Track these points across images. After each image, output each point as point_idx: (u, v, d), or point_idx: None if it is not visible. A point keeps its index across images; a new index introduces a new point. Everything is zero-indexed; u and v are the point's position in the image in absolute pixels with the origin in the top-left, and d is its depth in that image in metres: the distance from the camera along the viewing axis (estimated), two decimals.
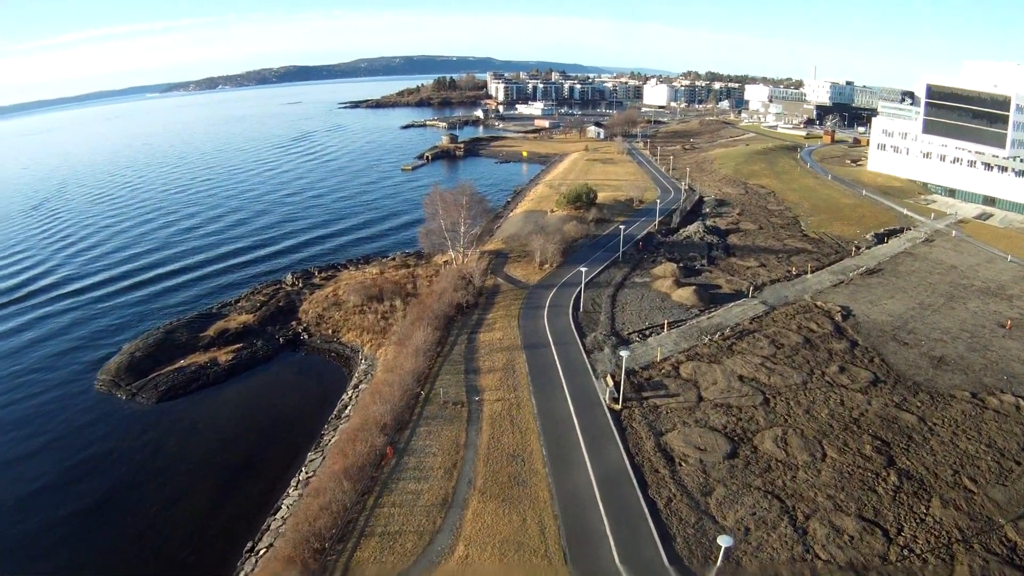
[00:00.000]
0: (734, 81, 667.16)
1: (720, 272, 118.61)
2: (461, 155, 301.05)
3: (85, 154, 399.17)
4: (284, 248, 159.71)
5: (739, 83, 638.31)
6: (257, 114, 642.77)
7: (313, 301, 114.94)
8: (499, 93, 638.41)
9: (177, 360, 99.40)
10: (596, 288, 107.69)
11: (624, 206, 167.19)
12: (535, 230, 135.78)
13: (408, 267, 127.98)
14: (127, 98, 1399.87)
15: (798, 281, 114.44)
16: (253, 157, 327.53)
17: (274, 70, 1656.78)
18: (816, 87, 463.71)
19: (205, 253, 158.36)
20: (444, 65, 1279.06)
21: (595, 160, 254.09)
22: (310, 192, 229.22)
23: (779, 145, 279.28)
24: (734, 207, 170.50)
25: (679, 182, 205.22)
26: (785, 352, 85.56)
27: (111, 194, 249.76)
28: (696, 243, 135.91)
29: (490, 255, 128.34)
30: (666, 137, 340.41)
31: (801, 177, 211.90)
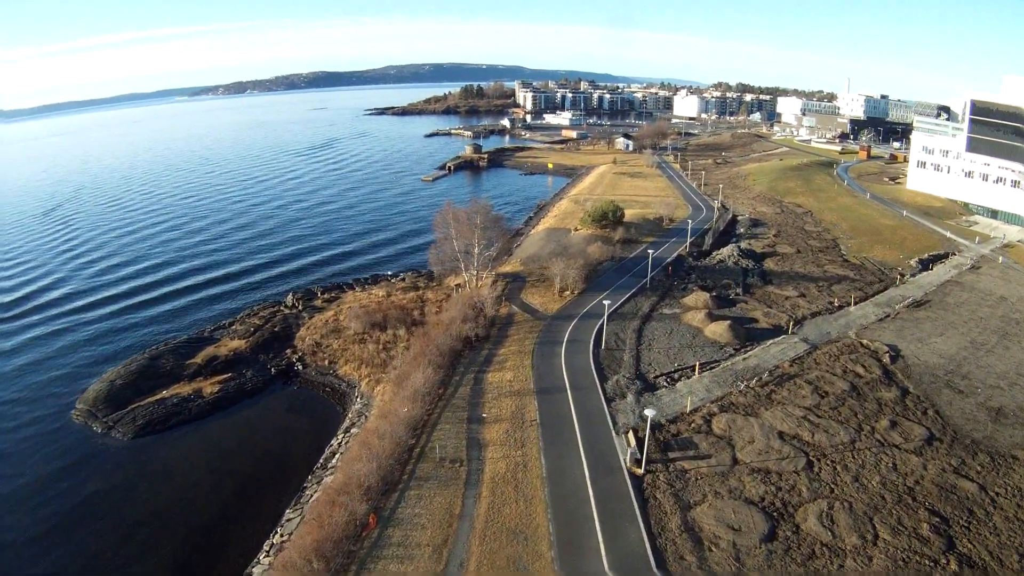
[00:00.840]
0: (765, 93, 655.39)
1: (756, 303, 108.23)
2: (485, 166, 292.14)
3: (105, 157, 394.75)
4: (291, 264, 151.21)
5: (770, 95, 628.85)
6: (282, 120, 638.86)
7: (311, 326, 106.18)
8: (527, 102, 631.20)
9: (159, 390, 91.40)
10: (620, 320, 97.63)
11: (653, 225, 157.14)
12: (557, 251, 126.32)
13: (417, 289, 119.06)
14: (157, 101, 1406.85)
15: (841, 314, 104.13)
16: (273, 164, 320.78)
17: (303, 75, 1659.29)
18: (850, 100, 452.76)
19: (208, 268, 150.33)
20: (473, 73, 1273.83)
21: (623, 174, 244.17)
22: (325, 203, 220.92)
23: (814, 161, 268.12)
24: (770, 228, 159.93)
25: (711, 199, 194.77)
26: (830, 402, 75.23)
27: (124, 201, 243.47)
28: (730, 268, 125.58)
29: (506, 279, 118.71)
30: (697, 150, 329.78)
31: (838, 195, 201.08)
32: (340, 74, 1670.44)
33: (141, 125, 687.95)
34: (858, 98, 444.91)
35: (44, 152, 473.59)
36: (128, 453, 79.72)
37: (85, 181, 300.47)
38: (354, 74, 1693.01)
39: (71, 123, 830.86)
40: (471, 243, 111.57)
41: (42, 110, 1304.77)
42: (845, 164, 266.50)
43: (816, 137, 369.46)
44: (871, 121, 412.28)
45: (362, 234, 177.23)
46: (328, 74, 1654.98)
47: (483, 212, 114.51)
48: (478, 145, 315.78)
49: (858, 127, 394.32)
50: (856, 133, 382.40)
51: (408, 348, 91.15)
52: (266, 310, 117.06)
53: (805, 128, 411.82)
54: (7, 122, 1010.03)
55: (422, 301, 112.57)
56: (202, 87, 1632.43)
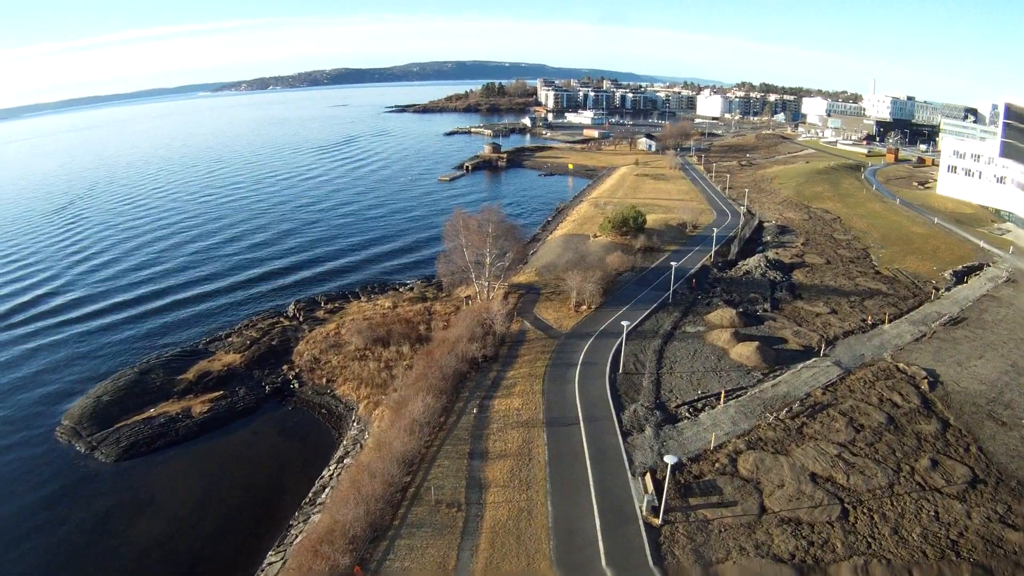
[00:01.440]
0: (789, 93, 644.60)
1: (786, 320, 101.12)
2: (503, 166, 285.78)
3: (123, 154, 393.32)
4: (298, 271, 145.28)
5: (794, 95, 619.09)
6: (302, 116, 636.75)
7: (311, 340, 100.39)
8: (549, 100, 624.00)
9: (147, 408, 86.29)
10: (640, 339, 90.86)
11: (676, 232, 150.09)
12: (574, 260, 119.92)
13: (425, 301, 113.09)
14: (180, 96, 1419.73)
15: (875, 333, 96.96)
16: (290, 162, 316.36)
17: (326, 72, 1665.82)
18: (876, 102, 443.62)
19: (213, 274, 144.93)
20: (496, 71, 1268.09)
21: (645, 175, 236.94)
22: (339, 205, 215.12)
23: (841, 163, 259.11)
24: (798, 235, 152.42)
25: (736, 203, 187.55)
26: (866, 437, 68.29)
27: (137, 199, 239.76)
28: (757, 280, 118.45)
29: (519, 291, 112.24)
30: (721, 151, 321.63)
31: (867, 201, 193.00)
32: (363, 71, 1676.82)
33: (161, 121, 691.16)
34: (884, 99, 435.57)
35: (62, 147, 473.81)
36: (110, 478, 74.60)
37: (100, 177, 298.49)
38: (377, 71, 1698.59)
39: (92, 118, 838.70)
40: (482, 253, 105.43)
41: (65, 104, 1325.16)
42: (873, 167, 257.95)
43: (842, 139, 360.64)
44: (897, 123, 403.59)
45: (374, 239, 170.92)
46: (351, 71, 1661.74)
47: (495, 220, 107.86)
48: (497, 144, 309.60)
49: (884, 129, 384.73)
50: (882, 135, 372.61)
51: (411, 367, 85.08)
52: (266, 321, 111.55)
53: (830, 129, 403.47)
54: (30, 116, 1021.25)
55: (429, 314, 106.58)
56: (225, 83, 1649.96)
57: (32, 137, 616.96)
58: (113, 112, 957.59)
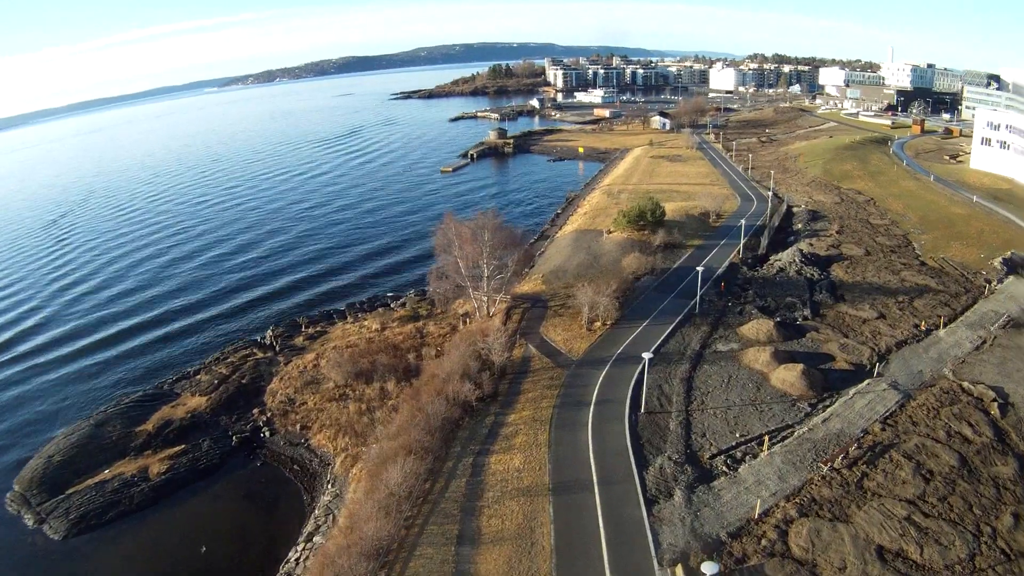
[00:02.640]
0: (803, 64, 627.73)
1: (829, 329, 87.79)
2: (510, 152, 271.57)
3: (121, 158, 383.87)
4: (282, 285, 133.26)
5: (808, 66, 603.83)
6: (306, 108, 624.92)
7: (285, 376, 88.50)
8: (557, 80, 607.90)
9: (101, 469, 75.29)
10: (664, 364, 77.68)
11: (698, 223, 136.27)
12: (586, 263, 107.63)
13: (417, 320, 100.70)
14: (187, 93, 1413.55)
15: (931, 342, 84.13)
16: (287, 159, 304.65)
17: (333, 61, 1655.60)
18: (895, 70, 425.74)
19: (189, 295, 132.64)
20: (505, 52, 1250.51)
21: (660, 157, 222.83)
22: (333, 203, 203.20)
23: (866, 137, 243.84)
24: (831, 222, 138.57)
25: (761, 186, 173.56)
26: (937, 489, 55.55)
27: (129, 208, 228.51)
28: (792, 280, 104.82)
29: (524, 304, 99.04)
30: (738, 127, 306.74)
31: (900, 179, 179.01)
32: (370, 58, 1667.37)
33: (164, 120, 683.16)
34: (904, 67, 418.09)
35: (63, 154, 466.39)
36: (58, 558, 63.92)
37: (96, 186, 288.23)
38: (384, 58, 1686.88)
39: (99, 121, 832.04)
40: (479, 263, 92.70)
41: (73, 108, 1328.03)
42: (900, 140, 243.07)
43: (863, 110, 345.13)
44: (917, 92, 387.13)
45: (366, 244, 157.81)
46: (358, 59, 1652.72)
47: (492, 226, 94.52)
48: (503, 130, 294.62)
49: (905, 98, 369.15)
50: (905, 105, 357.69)
51: (396, 409, 72.97)
52: (238, 353, 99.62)
53: (849, 100, 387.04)
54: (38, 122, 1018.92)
55: (421, 336, 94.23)
56: (232, 77, 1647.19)
57: (38, 144, 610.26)
58: (121, 113, 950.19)
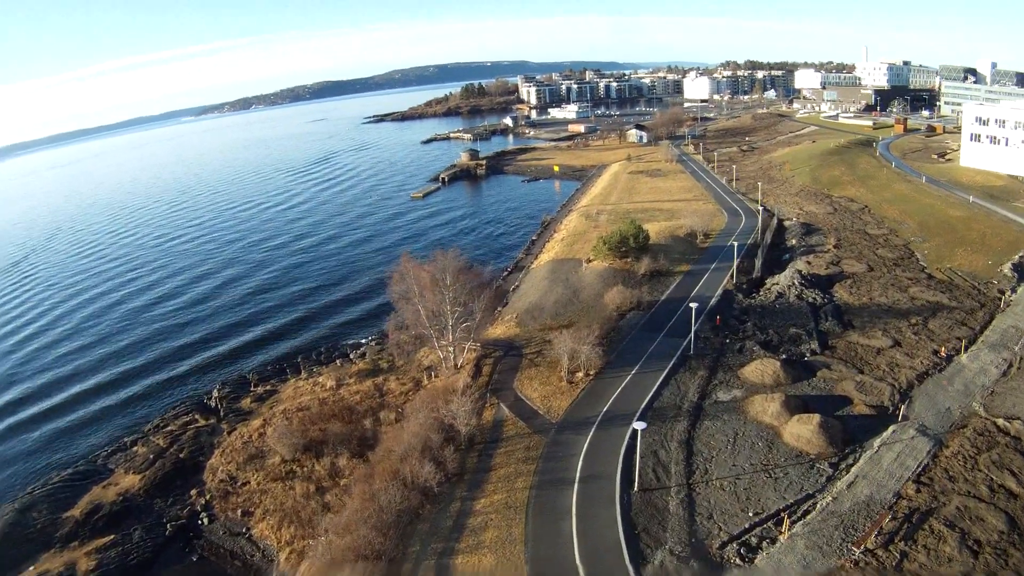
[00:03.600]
0: (775, 68, 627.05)
1: (841, 364, 77.23)
2: (483, 174, 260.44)
3: (91, 192, 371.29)
4: (233, 335, 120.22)
5: (781, 70, 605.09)
6: (279, 135, 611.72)
7: (228, 449, 76.59)
8: (531, 97, 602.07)
9: (25, 564, 63.88)
10: (659, 422, 66.49)
11: (685, 245, 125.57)
12: (564, 299, 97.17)
13: (377, 375, 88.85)
14: (164, 123, 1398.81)
15: (953, 370, 74.26)
16: (256, 190, 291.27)
17: (308, 86, 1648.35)
18: (871, 69, 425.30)
19: (140, 348, 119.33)
20: (479, 71, 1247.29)
21: (640, 172, 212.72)
22: (298, 239, 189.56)
23: (850, 140, 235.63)
24: (827, 235, 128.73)
25: (747, 198, 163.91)
26: (987, 563, 45.92)
27: (92, 246, 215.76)
28: (794, 306, 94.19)
29: (496, 352, 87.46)
30: (717, 136, 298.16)
31: (892, 182, 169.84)
32: (345, 83, 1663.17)
33: (138, 152, 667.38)
34: (880, 66, 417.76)
35: (34, 189, 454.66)
36: None
37: (63, 223, 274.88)
38: (359, 81, 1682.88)
39: (74, 153, 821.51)
40: (442, 310, 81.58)
41: (51, 140, 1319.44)
42: (884, 141, 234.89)
43: (842, 111, 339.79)
44: (895, 90, 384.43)
45: (327, 283, 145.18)
46: (333, 83, 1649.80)
47: (454, 269, 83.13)
48: (475, 151, 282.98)
49: (883, 97, 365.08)
50: (884, 104, 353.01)
51: (348, 490, 61.63)
52: (179, 419, 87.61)
53: (827, 102, 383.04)
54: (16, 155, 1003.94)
55: (381, 395, 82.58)
56: (208, 106, 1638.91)
57: (13, 178, 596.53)
58: (97, 145, 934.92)
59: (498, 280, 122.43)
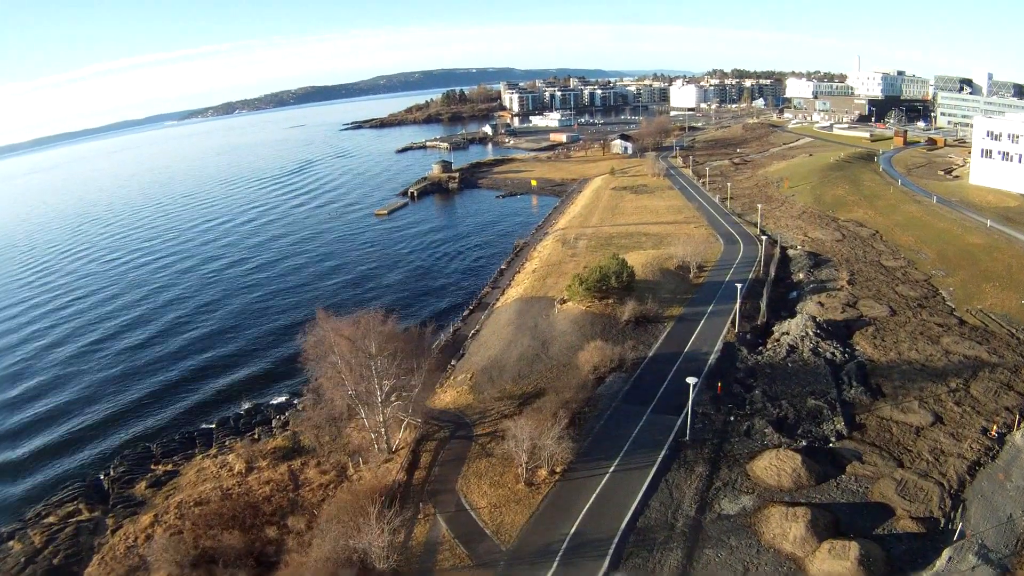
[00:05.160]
0: (763, 77, 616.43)
1: (875, 453, 60.49)
2: (456, 188, 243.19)
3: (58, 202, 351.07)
4: (150, 387, 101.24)
5: (769, 79, 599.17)
6: (256, 141, 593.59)
7: (108, 556, 59.85)
8: (514, 104, 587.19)
9: None
10: (645, 550, 49.42)
11: (676, 281, 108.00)
12: (530, 353, 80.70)
13: (297, 453, 71.44)
14: (147, 127, 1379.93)
15: (1008, 456, 58.92)
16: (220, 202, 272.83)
17: (292, 92, 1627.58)
18: (864, 79, 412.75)
19: (43, 404, 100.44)
20: (464, 77, 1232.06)
21: (624, 189, 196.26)
22: (250, 261, 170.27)
23: (850, 154, 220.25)
24: (838, 267, 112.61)
25: (742, 221, 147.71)
26: None
27: (43, 266, 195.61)
28: (809, 365, 77.11)
29: (440, 431, 69.79)
30: (707, 147, 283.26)
31: (900, 203, 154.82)
32: (329, 88, 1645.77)
33: (115, 158, 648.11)
34: (874, 76, 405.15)
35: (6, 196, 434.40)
36: None
37: (20, 236, 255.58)
38: (343, 87, 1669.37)
39: (55, 157, 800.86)
40: (370, 388, 64.17)
41: (35, 144, 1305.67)
42: (885, 155, 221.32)
43: (835, 122, 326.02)
44: (890, 101, 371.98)
45: (268, 320, 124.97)
46: (317, 89, 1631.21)
47: (380, 334, 65.29)
48: (447, 162, 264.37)
49: (878, 108, 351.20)
50: (879, 115, 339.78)
51: None
52: (65, 505, 70.28)
53: (819, 112, 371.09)
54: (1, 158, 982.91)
55: (296, 487, 65.13)
56: (192, 110, 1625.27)
57: None
58: (78, 149, 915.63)
59: (456, 323, 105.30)
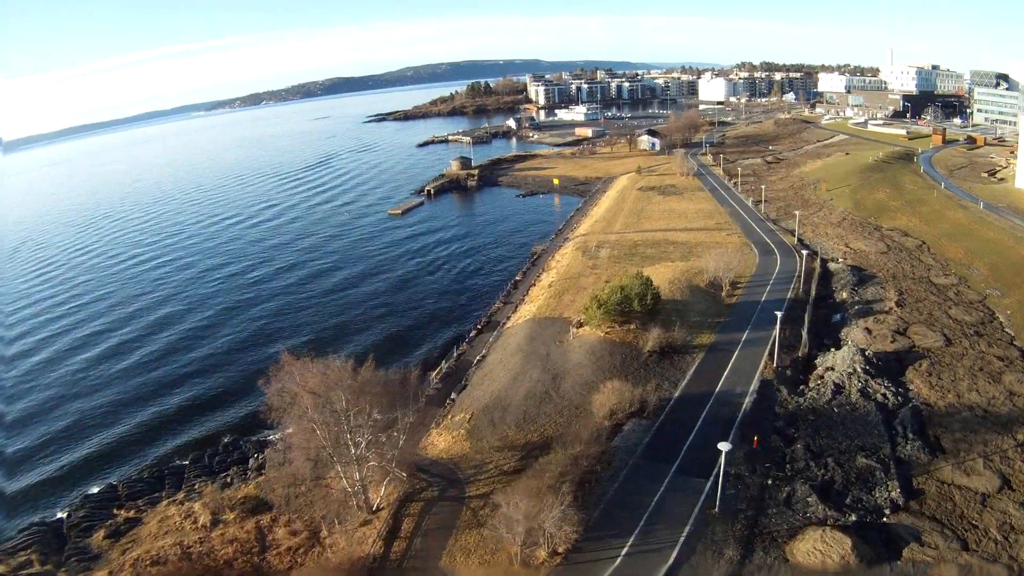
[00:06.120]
0: (792, 70, 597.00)
1: (935, 531, 50.31)
2: (474, 186, 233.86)
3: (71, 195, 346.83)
4: (128, 416, 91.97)
5: (799, 72, 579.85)
6: (279, 133, 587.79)
7: None
8: (539, 97, 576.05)
9: None
10: None
11: (707, 300, 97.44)
12: (539, 392, 71.52)
13: (266, 507, 61.98)
14: (175, 117, 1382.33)
15: None
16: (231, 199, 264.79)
17: (319, 83, 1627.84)
18: (899, 73, 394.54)
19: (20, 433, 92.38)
20: (491, 69, 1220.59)
21: (651, 189, 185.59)
22: (252, 268, 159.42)
23: (888, 153, 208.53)
24: (884, 285, 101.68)
25: (778, 228, 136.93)
26: None
27: (47, 272, 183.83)
28: (858, 410, 66.40)
29: (427, 488, 60.31)
30: (737, 144, 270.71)
31: (946, 209, 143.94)
32: (356, 79, 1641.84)
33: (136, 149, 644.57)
34: (908, 70, 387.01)
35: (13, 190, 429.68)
36: None
37: (31, 233, 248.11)
38: (371, 78, 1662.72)
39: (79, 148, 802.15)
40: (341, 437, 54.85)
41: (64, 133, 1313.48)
42: (924, 154, 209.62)
43: (869, 118, 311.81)
44: (925, 96, 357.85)
45: (260, 341, 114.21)
46: (344, 80, 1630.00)
47: (351, 386, 55.31)
48: (466, 159, 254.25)
49: (913, 104, 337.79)
50: (914, 111, 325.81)
51: None
52: (17, 555, 61.79)
53: (852, 108, 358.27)
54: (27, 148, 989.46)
55: (263, 549, 56.07)
56: (219, 101, 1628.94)
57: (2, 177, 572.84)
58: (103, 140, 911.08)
59: (461, 346, 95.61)
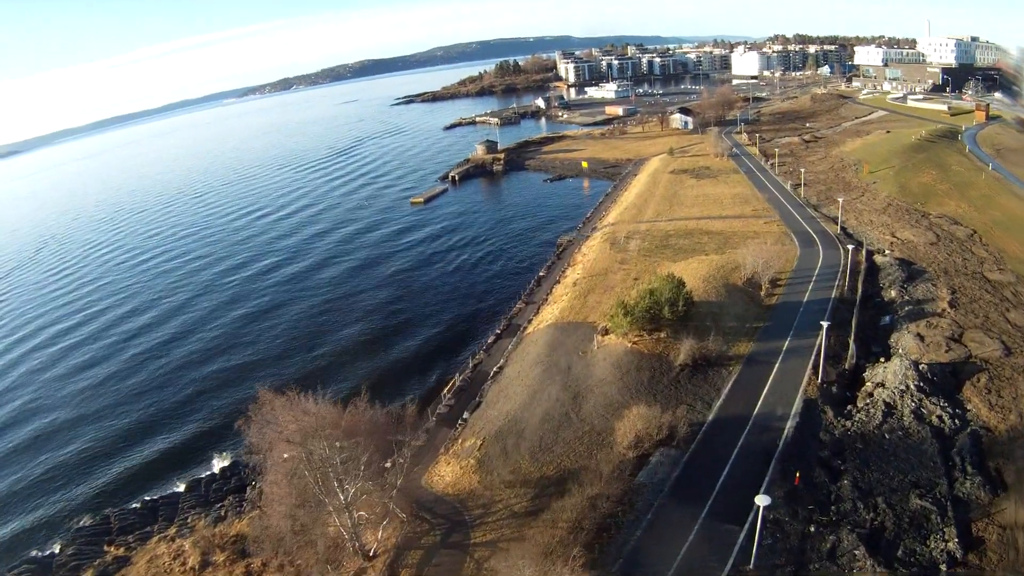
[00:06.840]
0: (827, 43, 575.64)
1: None
2: (501, 170, 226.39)
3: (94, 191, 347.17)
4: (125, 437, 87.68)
5: (833, 44, 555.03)
6: (304, 119, 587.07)
7: None
8: (569, 74, 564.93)
9: None
10: None
11: (744, 301, 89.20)
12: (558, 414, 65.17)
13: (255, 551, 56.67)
14: (206, 105, 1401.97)
15: None
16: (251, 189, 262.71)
17: (349, 66, 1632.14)
18: (937, 46, 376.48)
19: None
20: (521, 47, 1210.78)
21: (683, 172, 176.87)
22: (259, 262, 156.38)
23: (931, 131, 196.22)
24: (935, 282, 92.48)
25: (819, 214, 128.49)
26: None
27: (57, 275, 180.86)
28: (911, 435, 58.51)
29: (429, 534, 54.09)
30: (773, 121, 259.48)
31: (996, 195, 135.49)
32: (386, 61, 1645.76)
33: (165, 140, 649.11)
34: (947, 42, 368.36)
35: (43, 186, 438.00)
36: None
37: (50, 234, 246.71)
38: (400, 59, 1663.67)
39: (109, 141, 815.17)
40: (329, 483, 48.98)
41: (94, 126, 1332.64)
42: (968, 131, 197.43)
43: (908, 92, 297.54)
44: (965, 69, 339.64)
45: (262, 346, 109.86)
46: (374, 62, 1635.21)
47: (333, 433, 49.34)
48: (492, 143, 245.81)
49: (953, 77, 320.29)
50: (955, 85, 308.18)
51: None
52: None
53: (889, 81, 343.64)
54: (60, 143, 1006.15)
55: None
56: (250, 87, 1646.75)
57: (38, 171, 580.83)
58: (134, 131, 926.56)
59: (478, 354, 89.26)
